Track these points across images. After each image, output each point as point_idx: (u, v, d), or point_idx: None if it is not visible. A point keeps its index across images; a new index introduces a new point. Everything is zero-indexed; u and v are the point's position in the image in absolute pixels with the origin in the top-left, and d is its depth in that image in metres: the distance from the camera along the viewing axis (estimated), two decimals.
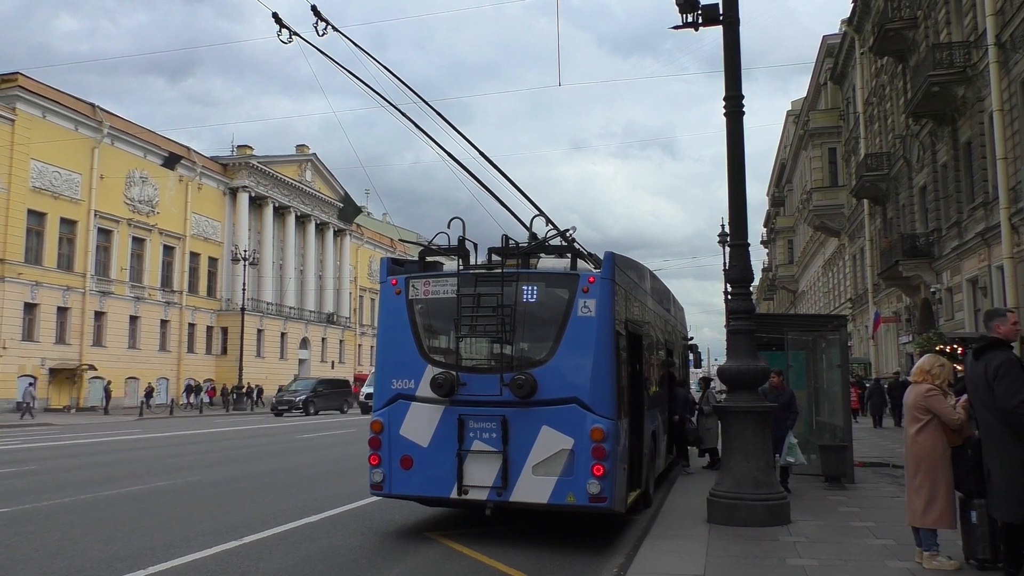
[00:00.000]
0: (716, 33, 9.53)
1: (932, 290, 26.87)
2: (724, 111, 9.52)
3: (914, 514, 6.41)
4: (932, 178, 26.84)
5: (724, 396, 14.33)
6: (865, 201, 35.78)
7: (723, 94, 9.42)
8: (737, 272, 9.55)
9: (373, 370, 50.01)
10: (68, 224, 42.02)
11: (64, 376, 41.31)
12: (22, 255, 38.94)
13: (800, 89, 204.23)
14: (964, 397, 6.40)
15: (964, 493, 6.37)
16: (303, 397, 41.02)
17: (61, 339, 41.51)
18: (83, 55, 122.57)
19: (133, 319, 46.51)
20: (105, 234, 44.71)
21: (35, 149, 39.12)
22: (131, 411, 39.09)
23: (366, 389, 41.31)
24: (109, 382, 40.95)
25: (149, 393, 42.31)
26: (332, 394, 43.83)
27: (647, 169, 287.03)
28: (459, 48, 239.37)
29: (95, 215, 43.28)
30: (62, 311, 41.59)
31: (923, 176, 27.98)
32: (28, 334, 39.48)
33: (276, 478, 13.56)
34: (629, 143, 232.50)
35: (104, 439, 23.10)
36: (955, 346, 19.56)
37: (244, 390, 47.12)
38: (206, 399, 47.41)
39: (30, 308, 39.57)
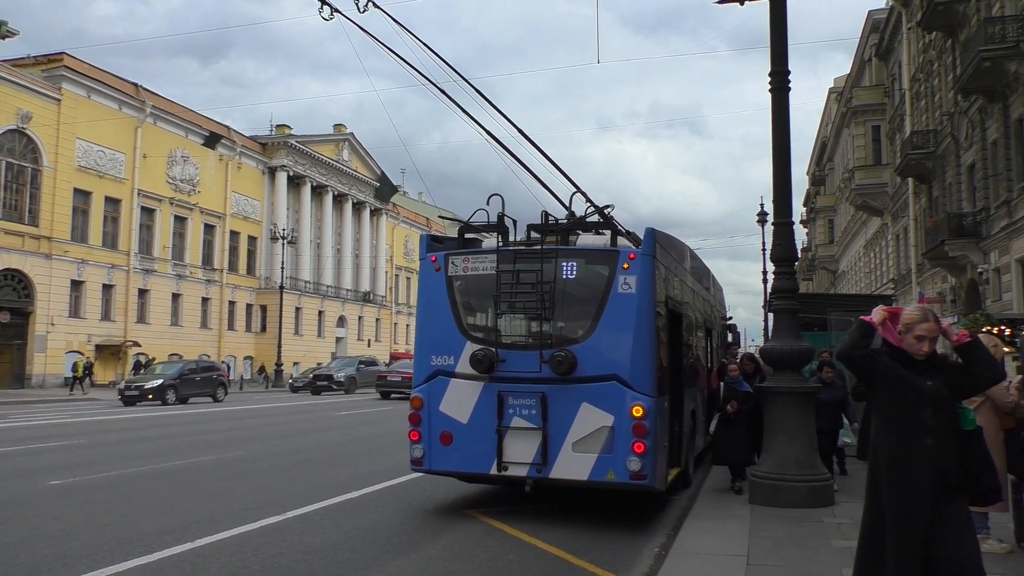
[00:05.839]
0: (742, 11, 9.35)
1: (979, 270, 26.22)
2: (770, 87, 9.32)
3: None
4: (981, 156, 26.12)
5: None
6: (910, 180, 34.93)
7: (753, 71, 9.81)
8: (781, 251, 9.39)
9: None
10: (112, 203, 42.70)
11: (109, 352, 42.22)
12: (69, 233, 39.71)
13: (832, 67, 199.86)
14: (1019, 378, 6.24)
15: (1017, 476, 6.23)
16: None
17: (106, 316, 42.34)
18: (118, 38, 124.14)
19: (175, 297, 47.27)
20: (148, 213, 45.40)
21: (80, 128, 39.69)
22: None
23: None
24: (153, 358, 41.73)
25: None
26: None
27: (675, 149, 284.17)
28: (484, 29, 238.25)
29: (138, 194, 43.92)
30: (107, 288, 42.38)
31: (971, 154, 27.23)
32: (75, 311, 40.33)
33: (314, 454, 13.73)
34: (655, 122, 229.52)
35: (148, 414, 23.58)
36: (1003, 327, 19.07)
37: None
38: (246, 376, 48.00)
39: (76, 285, 40.38)
